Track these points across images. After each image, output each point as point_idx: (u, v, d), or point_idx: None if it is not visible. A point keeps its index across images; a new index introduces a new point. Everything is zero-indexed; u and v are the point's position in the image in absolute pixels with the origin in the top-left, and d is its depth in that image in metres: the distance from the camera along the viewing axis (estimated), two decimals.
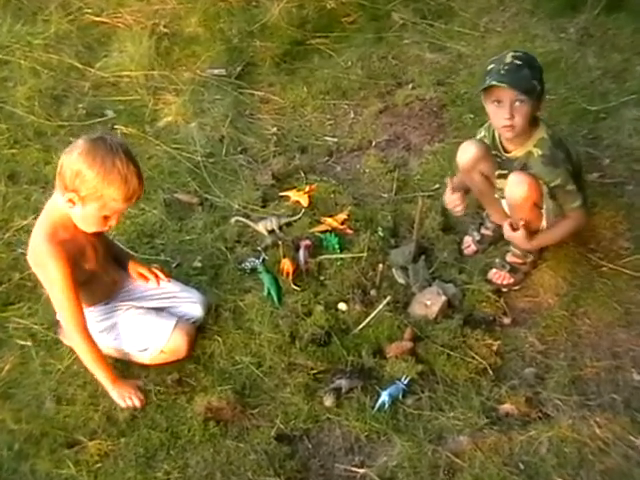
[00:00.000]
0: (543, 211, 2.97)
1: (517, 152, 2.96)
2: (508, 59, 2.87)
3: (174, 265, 3.18)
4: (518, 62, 2.85)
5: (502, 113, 2.87)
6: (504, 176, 2.99)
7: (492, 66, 2.89)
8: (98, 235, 2.70)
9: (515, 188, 2.91)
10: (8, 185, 3.47)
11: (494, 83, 2.84)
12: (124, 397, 2.66)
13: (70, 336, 2.69)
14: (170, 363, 2.78)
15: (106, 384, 2.68)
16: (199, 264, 3.18)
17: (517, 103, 2.84)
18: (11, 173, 3.55)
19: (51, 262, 2.53)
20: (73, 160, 2.46)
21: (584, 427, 2.58)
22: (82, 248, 2.62)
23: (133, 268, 2.87)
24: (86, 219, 2.55)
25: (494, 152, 3.05)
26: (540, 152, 2.91)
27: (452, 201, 3.10)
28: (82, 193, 2.47)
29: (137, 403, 2.65)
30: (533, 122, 2.93)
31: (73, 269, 2.56)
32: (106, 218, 2.55)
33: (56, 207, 2.58)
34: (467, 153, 3.09)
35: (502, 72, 2.85)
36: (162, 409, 2.68)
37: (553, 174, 2.90)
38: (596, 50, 4.09)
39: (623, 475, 2.49)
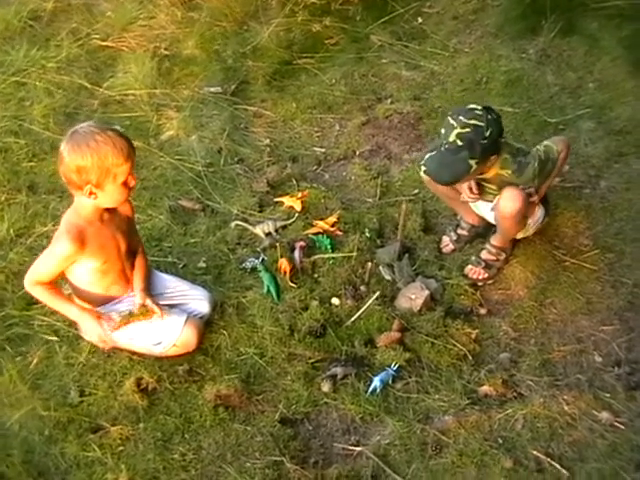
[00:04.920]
0: (530, 220, 3.01)
1: (486, 175, 2.92)
2: (452, 137, 2.73)
3: (181, 266, 3.16)
4: (460, 143, 2.72)
5: None
6: (486, 184, 2.99)
7: (442, 133, 2.79)
8: (129, 235, 2.72)
9: (509, 202, 2.87)
10: (28, 195, 3.43)
11: (423, 170, 2.87)
12: (94, 335, 2.68)
13: (29, 287, 2.66)
14: (181, 355, 2.77)
15: (75, 318, 2.69)
16: (204, 265, 3.17)
17: None
18: (30, 184, 3.51)
19: (63, 237, 2.54)
20: (68, 163, 2.46)
21: (554, 404, 2.63)
22: (104, 243, 2.62)
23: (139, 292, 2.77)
24: (112, 195, 2.54)
25: None
26: (509, 171, 2.87)
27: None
28: (94, 181, 2.46)
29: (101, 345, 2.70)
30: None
31: (88, 257, 2.57)
32: (124, 184, 2.53)
33: (78, 210, 2.58)
34: None
35: (436, 155, 2.80)
36: (175, 397, 2.68)
37: (530, 172, 2.85)
38: (553, 69, 4.11)
39: (588, 445, 2.54)
